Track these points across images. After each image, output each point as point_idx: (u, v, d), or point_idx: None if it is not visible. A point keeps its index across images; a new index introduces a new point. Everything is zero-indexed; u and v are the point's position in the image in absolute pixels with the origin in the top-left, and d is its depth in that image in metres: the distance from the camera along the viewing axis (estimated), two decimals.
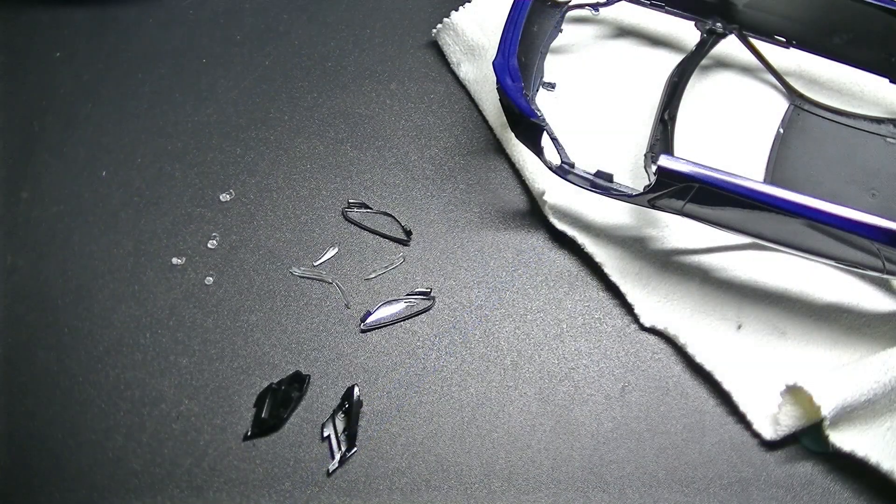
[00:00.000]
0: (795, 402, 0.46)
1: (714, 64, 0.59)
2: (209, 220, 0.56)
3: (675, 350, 0.50)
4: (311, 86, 0.61)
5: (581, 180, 0.51)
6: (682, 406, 0.49)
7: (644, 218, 0.53)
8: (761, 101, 0.57)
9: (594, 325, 0.51)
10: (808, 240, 0.46)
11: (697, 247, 0.53)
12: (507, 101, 0.49)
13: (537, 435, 0.48)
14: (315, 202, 0.56)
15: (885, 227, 0.43)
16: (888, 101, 0.57)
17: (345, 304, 0.53)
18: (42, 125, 0.60)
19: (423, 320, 0.52)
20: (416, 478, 0.47)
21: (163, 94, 0.61)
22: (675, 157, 0.45)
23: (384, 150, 0.58)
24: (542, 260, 0.54)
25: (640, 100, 0.57)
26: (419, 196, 0.56)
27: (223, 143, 0.59)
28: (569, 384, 0.50)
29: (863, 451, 0.44)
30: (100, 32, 0.64)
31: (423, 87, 0.60)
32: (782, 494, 0.46)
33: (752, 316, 0.51)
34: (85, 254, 0.55)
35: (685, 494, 0.47)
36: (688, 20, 0.58)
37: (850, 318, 0.50)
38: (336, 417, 0.49)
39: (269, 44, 0.63)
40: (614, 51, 0.60)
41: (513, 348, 0.51)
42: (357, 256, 0.54)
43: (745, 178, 0.44)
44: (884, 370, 0.45)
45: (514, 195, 0.56)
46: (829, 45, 0.55)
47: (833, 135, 0.55)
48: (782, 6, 0.54)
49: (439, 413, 0.49)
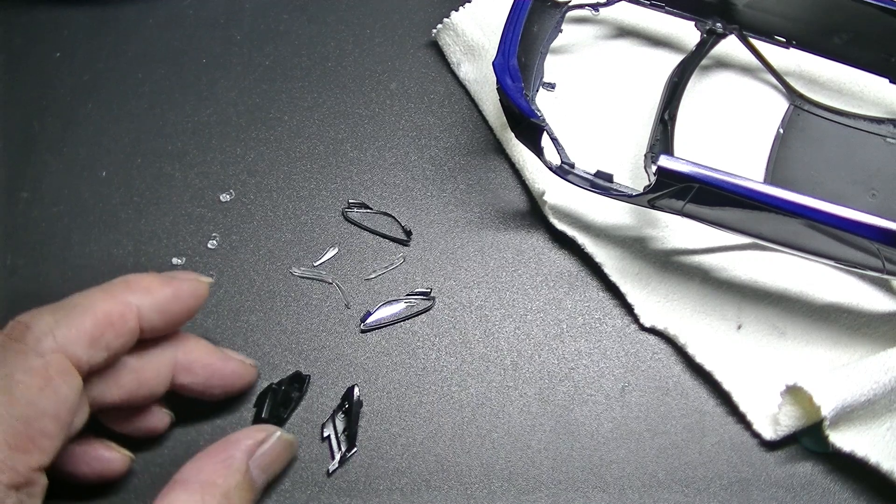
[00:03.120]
0: (795, 402, 0.46)
1: (714, 64, 0.59)
2: (209, 220, 0.56)
3: (675, 350, 0.50)
4: (311, 86, 0.61)
5: (581, 180, 0.51)
6: (682, 406, 0.49)
7: (644, 218, 0.53)
8: (761, 101, 0.57)
9: (594, 325, 0.51)
10: (808, 240, 0.46)
11: (697, 247, 0.53)
12: (507, 101, 0.49)
13: (537, 435, 0.48)
14: (315, 202, 0.56)
15: (885, 227, 0.43)
16: (888, 101, 0.57)
17: (345, 304, 0.53)
18: (42, 125, 0.60)
19: (423, 320, 0.52)
20: (416, 478, 0.47)
21: (163, 94, 0.61)
22: (675, 157, 0.45)
23: (384, 150, 0.58)
24: (542, 260, 0.54)
25: (640, 100, 0.57)
26: (419, 196, 0.56)
27: (223, 143, 0.59)
28: (569, 384, 0.50)
29: (863, 451, 0.44)
30: (100, 32, 0.64)
31: (423, 87, 0.60)
32: (782, 494, 0.46)
33: (752, 316, 0.51)
34: (85, 254, 0.55)
35: (685, 494, 0.47)
36: (688, 20, 0.58)
37: (850, 318, 0.50)
38: (336, 417, 0.49)
39: (269, 44, 0.63)
40: (614, 51, 0.60)
41: (513, 348, 0.51)
42: (357, 256, 0.54)
43: (745, 179, 0.44)
44: (884, 370, 0.45)
45: (514, 195, 0.56)
46: (829, 45, 0.55)
47: (833, 135, 0.55)
48: (782, 6, 0.54)
49: (439, 413, 0.49)
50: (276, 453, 0.45)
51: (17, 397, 0.36)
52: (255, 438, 0.44)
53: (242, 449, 0.43)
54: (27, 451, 0.35)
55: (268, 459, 0.44)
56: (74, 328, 0.38)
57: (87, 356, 0.38)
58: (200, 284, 0.44)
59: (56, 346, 0.38)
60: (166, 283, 0.43)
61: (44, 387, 0.36)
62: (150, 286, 0.42)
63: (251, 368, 0.48)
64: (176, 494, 0.40)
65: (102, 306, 0.40)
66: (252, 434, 0.44)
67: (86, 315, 0.39)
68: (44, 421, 0.36)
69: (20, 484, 0.35)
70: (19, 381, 0.36)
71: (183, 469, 0.41)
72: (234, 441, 0.43)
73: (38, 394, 0.36)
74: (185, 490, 0.40)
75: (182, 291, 0.43)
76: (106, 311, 0.40)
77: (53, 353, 0.37)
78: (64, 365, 0.37)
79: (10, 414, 0.35)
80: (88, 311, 0.39)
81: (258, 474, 0.43)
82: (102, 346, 0.39)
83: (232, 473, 0.41)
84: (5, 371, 0.36)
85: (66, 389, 0.37)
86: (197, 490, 0.40)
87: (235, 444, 0.43)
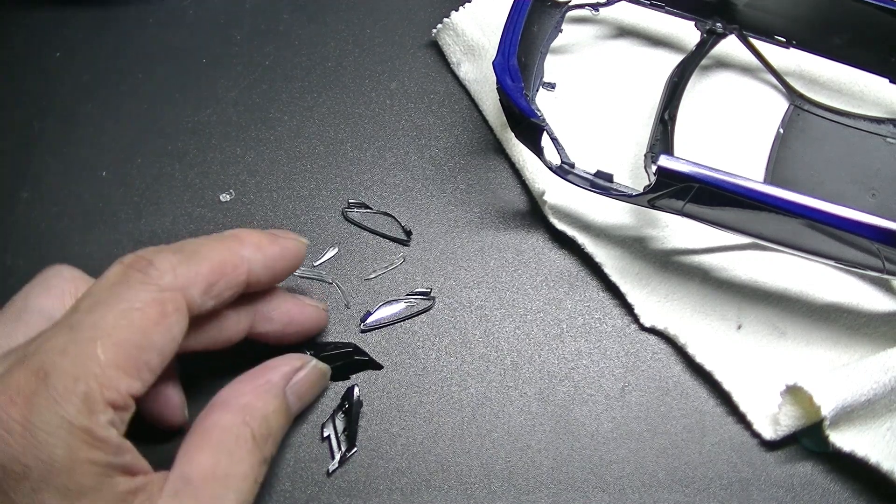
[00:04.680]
0: (795, 402, 0.46)
1: (714, 64, 0.59)
2: (209, 220, 0.56)
3: (675, 350, 0.50)
4: (311, 86, 0.61)
5: (581, 180, 0.51)
6: (682, 406, 0.49)
7: (644, 218, 0.53)
8: (761, 101, 0.57)
9: (594, 325, 0.52)
10: (808, 240, 0.46)
11: (697, 247, 0.53)
12: (507, 101, 0.49)
13: (537, 435, 0.48)
14: (315, 202, 0.56)
15: (885, 227, 0.43)
16: (888, 101, 0.57)
17: (345, 304, 0.53)
18: (42, 125, 0.60)
19: (423, 320, 0.52)
20: (416, 478, 0.47)
21: (163, 94, 0.61)
22: (675, 157, 0.45)
23: (384, 150, 0.58)
24: (542, 260, 0.54)
25: (640, 100, 0.57)
26: (419, 196, 0.56)
27: (223, 143, 0.59)
28: (569, 384, 0.50)
29: (863, 451, 0.44)
30: (100, 32, 0.64)
31: (423, 87, 0.60)
32: (782, 494, 0.46)
33: (752, 316, 0.51)
34: (85, 254, 0.55)
35: (685, 494, 0.47)
36: (688, 20, 0.58)
37: (850, 318, 0.50)
38: (336, 417, 0.49)
39: (269, 44, 0.63)
40: (614, 51, 0.60)
41: (513, 348, 0.51)
42: (357, 256, 0.54)
43: (745, 178, 0.44)
44: (884, 370, 0.45)
45: (514, 195, 0.56)
46: (829, 45, 0.55)
47: (833, 135, 0.55)
48: (782, 6, 0.54)
49: (439, 413, 0.49)
50: (311, 381, 0.46)
51: (135, 324, 0.37)
52: (293, 365, 0.45)
53: (280, 375, 0.44)
54: (132, 377, 0.37)
55: (304, 387, 0.45)
56: (194, 271, 0.39)
57: (201, 301, 0.40)
58: (301, 244, 0.46)
59: (176, 284, 0.39)
60: (273, 240, 0.44)
61: (159, 321, 0.38)
62: (261, 243, 0.43)
63: (324, 313, 0.50)
64: (218, 415, 0.41)
65: (219, 255, 0.41)
66: (289, 361, 0.45)
67: (203, 261, 0.40)
68: (151, 353, 0.37)
69: (118, 405, 0.36)
70: (139, 308, 0.37)
71: (221, 393, 0.42)
72: (272, 367, 0.44)
73: (152, 326, 0.37)
74: (227, 411, 0.41)
75: (287, 250, 0.44)
76: (222, 260, 0.41)
77: (173, 289, 0.39)
78: (180, 303, 0.39)
79: (125, 338, 0.36)
80: (206, 257, 0.40)
81: (294, 401, 0.45)
82: (215, 293, 0.40)
83: (271, 398, 0.42)
84: (128, 297, 0.37)
85: (177, 329, 0.38)
86: (238, 412, 0.41)
87: (274, 370, 0.44)
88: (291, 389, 0.44)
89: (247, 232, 0.43)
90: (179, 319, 0.39)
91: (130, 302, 0.37)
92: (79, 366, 0.35)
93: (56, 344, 0.36)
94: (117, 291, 0.38)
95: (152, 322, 0.37)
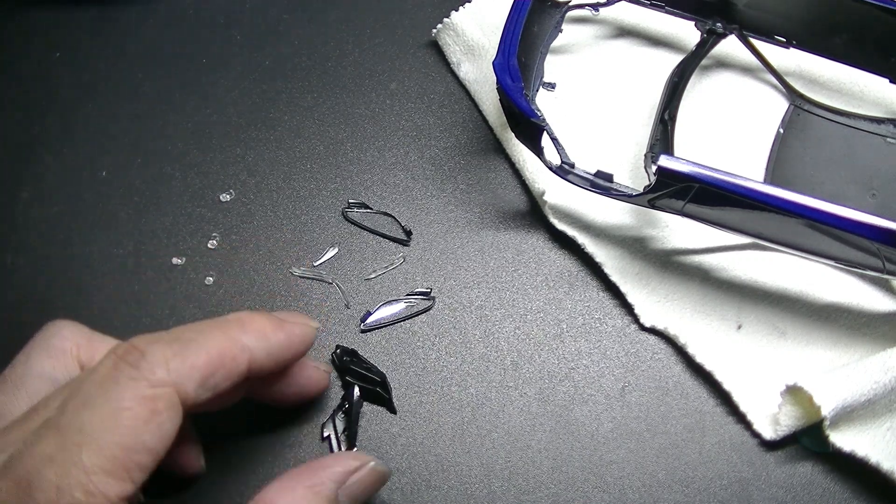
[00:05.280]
0: (795, 402, 0.46)
1: (714, 64, 0.59)
2: (209, 220, 0.56)
3: (675, 350, 0.50)
4: (311, 86, 0.61)
5: (581, 180, 0.51)
6: (682, 406, 0.49)
7: (644, 218, 0.53)
8: (761, 101, 0.57)
9: (594, 325, 0.52)
10: (808, 240, 0.46)
11: (697, 247, 0.53)
12: (507, 101, 0.49)
13: (537, 435, 0.48)
14: (315, 202, 0.56)
15: (885, 227, 0.43)
16: (888, 101, 0.57)
17: (345, 304, 0.53)
18: (42, 125, 0.60)
19: (423, 320, 0.52)
20: (416, 478, 0.47)
21: (163, 94, 0.61)
22: (675, 157, 0.45)
23: (384, 150, 0.58)
24: (542, 260, 0.54)
25: (640, 100, 0.57)
26: (419, 196, 0.56)
27: (223, 144, 0.59)
28: (569, 384, 0.50)
29: (863, 451, 0.44)
30: (100, 32, 0.64)
31: (423, 87, 0.60)
32: (782, 494, 0.46)
33: (752, 316, 0.51)
34: (85, 254, 0.55)
35: (685, 494, 0.47)
36: (688, 20, 0.58)
37: (850, 318, 0.50)
38: (336, 417, 0.49)
39: (269, 44, 0.63)
40: (614, 51, 0.60)
41: (513, 348, 0.51)
42: (357, 256, 0.54)
43: (745, 178, 0.44)
44: (883, 370, 0.45)
45: (514, 195, 0.56)
46: (829, 45, 0.55)
47: (833, 135, 0.55)
48: (782, 6, 0.54)
49: (439, 413, 0.49)
50: (367, 483, 0.42)
51: (123, 425, 0.35)
52: (348, 467, 0.41)
53: (333, 477, 0.40)
54: (122, 480, 0.35)
55: (358, 490, 0.41)
56: (189, 364, 0.37)
57: (196, 394, 0.38)
58: (310, 329, 0.43)
59: (168, 380, 0.37)
60: (280, 326, 0.41)
61: (149, 419, 0.36)
62: (265, 329, 0.41)
63: (325, 374, 0.48)
64: None
65: (217, 344, 0.39)
66: (344, 461, 0.41)
67: (200, 351, 0.38)
68: (142, 454, 0.36)
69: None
70: (127, 408, 0.35)
71: (267, 490, 0.39)
72: (324, 466, 0.41)
73: (142, 426, 0.36)
74: None
75: (294, 336, 0.42)
76: (220, 350, 0.38)
77: (165, 386, 0.37)
78: (172, 400, 0.37)
79: (112, 440, 0.35)
80: (203, 347, 0.38)
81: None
82: (211, 385, 0.38)
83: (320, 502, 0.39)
84: (117, 396, 0.36)
85: (169, 426, 0.37)
86: None
87: (326, 470, 0.40)
88: (345, 492, 0.40)
89: (250, 316, 0.41)
90: (172, 416, 0.36)
91: (119, 401, 0.35)
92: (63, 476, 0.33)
93: (42, 449, 0.34)
94: (106, 389, 0.36)
95: (142, 421, 0.35)
